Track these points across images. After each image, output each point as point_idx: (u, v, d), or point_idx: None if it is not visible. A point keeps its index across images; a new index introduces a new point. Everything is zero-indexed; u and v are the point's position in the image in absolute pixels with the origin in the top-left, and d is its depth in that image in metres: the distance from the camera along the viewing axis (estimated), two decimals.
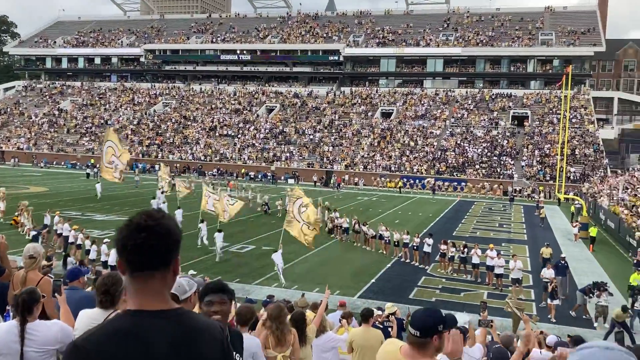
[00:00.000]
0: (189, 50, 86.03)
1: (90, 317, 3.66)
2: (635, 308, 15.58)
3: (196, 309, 3.54)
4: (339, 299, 14.27)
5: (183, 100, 79.24)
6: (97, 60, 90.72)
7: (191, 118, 73.67)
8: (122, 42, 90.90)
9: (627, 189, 37.35)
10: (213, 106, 76.32)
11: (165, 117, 74.90)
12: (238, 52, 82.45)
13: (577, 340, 7.04)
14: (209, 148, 65.74)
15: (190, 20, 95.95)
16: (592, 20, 74.27)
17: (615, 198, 36.16)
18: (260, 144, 65.87)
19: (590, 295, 16.85)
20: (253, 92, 79.10)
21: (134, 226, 1.86)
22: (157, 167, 50.15)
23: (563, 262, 19.54)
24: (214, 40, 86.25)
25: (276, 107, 74.70)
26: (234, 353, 3.19)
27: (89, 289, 6.52)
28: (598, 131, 61.03)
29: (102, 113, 77.69)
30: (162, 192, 34.06)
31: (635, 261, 21.88)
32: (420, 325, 2.90)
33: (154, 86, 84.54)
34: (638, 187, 36.70)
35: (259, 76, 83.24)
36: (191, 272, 15.01)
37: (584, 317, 17.01)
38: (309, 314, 9.11)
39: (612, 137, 65.74)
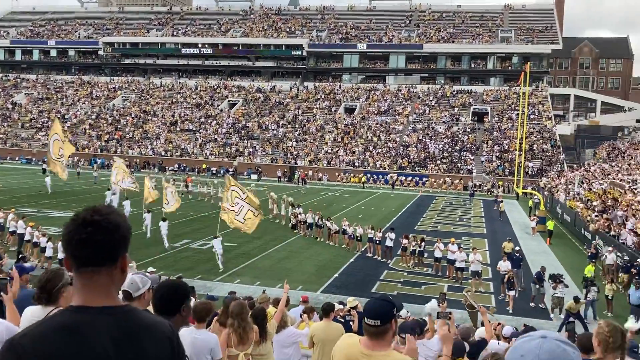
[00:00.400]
0: (149, 43, 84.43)
1: (32, 315, 3.52)
2: (588, 299, 16.04)
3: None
4: (301, 294, 14.24)
5: (143, 95, 77.79)
6: (53, 53, 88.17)
7: (151, 112, 72.40)
8: (79, 34, 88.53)
9: (583, 183, 38.44)
10: (174, 100, 75.16)
11: (125, 111, 73.41)
12: (199, 45, 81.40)
13: (529, 331, 7.16)
14: (169, 143, 64.73)
15: (151, 13, 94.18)
16: (549, 18, 76.13)
17: (571, 192, 37.18)
18: (222, 139, 65.24)
19: (539, 285, 17.43)
20: (215, 87, 78.25)
21: (80, 221, 1.81)
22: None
23: (517, 254, 19.99)
24: (175, 33, 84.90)
25: (239, 101, 74.09)
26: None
27: None
28: (555, 127, 62.65)
29: (59, 107, 75.59)
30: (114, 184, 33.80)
31: (589, 253, 22.54)
32: (379, 314, 2.96)
33: (113, 80, 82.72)
34: (593, 182, 37.81)
35: (221, 70, 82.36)
36: (150, 269, 14.72)
37: (539, 305, 17.50)
38: (270, 309, 9.04)
39: (568, 133, 67.51)
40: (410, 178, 55.10)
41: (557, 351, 1.52)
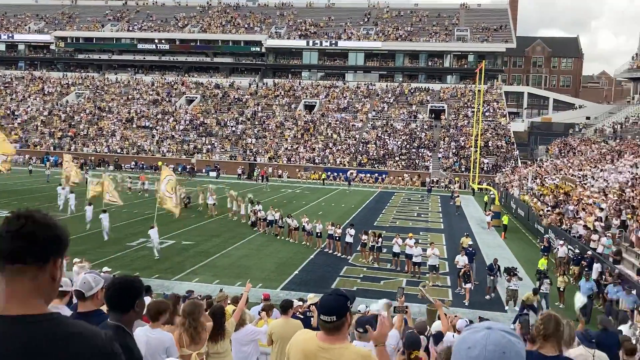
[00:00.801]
0: (104, 38, 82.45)
1: None
2: (541, 291, 16.48)
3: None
4: (262, 292, 14.17)
5: (97, 91, 75.90)
6: (2, 47, 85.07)
7: (106, 109, 70.72)
8: (29, 27, 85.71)
9: (536, 179, 39.51)
10: (130, 97, 73.62)
11: (79, 108, 71.45)
12: (156, 41, 79.93)
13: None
14: (125, 140, 63.39)
15: (105, 7, 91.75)
16: (503, 17, 77.88)
17: (525, 188, 38.18)
18: (180, 135, 64.28)
19: (492, 275, 17.98)
20: (172, 83, 77.02)
21: (14, 215, 1.76)
22: None
23: (470, 248, 20.45)
24: (131, 28, 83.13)
25: (196, 98, 73.15)
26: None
27: None
28: (509, 124, 64.22)
29: (9, 103, 73.00)
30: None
31: (542, 247, 23.18)
32: (334, 310, 2.97)
33: (66, 75, 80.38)
34: (545, 177, 38.92)
35: (179, 66, 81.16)
36: (105, 268, 14.39)
37: (492, 294, 18.05)
38: (229, 307, 8.97)
39: (522, 130, 69.29)
40: (369, 175, 55.53)
41: (503, 342, 1.55)
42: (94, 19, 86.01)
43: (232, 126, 65.70)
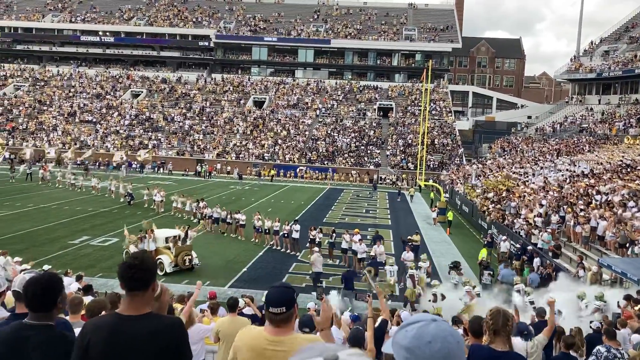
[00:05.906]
0: (45, 29, 79.32)
1: None
2: (482, 282, 16.91)
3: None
4: (208, 290, 14.00)
5: (38, 83, 73.03)
6: None
7: (47, 102, 68.17)
8: None
9: (480, 176, 40.63)
10: (72, 90, 71.20)
11: (17, 101, 68.55)
12: (100, 33, 77.57)
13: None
14: (67, 135, 61.28)
15: None
16: (450, 18, 79.59)
17: (469, 185, 39.18)
18: (125, 131, 62.67)
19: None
20: (117, 76, 74.96)
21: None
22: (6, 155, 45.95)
23: (415, 243, 20.87)
24: (73, 19, 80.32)
25: (142, 92, 71.48)
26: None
27: None
28: (455, 122, 65.72)
29: None
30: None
31: (485, 242, 23.85)
32: (283, 301, 3.00)
33: (4, 67, 76.95)
34: (489, 175, 40.06)
35: (124, 59, 79.02)
36: (46, 267, 13.91)
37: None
38: (175, 305, 8.84)
39: (467, 128, 71.10)
40: (318, 171, 55.66)
41: (452, 330, 1.58)
42: (33, 9, 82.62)
43: (179, 121, 64.56)
